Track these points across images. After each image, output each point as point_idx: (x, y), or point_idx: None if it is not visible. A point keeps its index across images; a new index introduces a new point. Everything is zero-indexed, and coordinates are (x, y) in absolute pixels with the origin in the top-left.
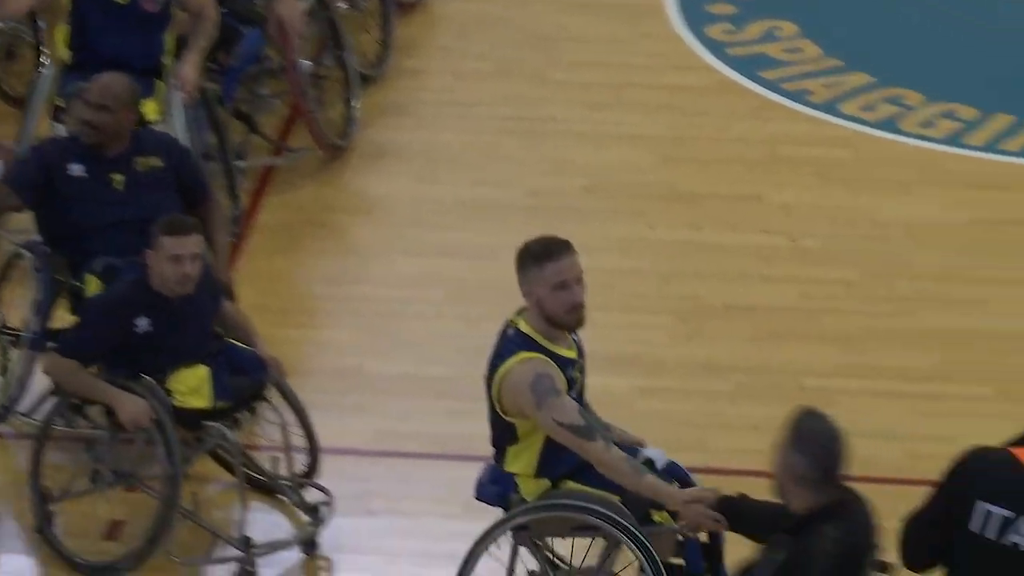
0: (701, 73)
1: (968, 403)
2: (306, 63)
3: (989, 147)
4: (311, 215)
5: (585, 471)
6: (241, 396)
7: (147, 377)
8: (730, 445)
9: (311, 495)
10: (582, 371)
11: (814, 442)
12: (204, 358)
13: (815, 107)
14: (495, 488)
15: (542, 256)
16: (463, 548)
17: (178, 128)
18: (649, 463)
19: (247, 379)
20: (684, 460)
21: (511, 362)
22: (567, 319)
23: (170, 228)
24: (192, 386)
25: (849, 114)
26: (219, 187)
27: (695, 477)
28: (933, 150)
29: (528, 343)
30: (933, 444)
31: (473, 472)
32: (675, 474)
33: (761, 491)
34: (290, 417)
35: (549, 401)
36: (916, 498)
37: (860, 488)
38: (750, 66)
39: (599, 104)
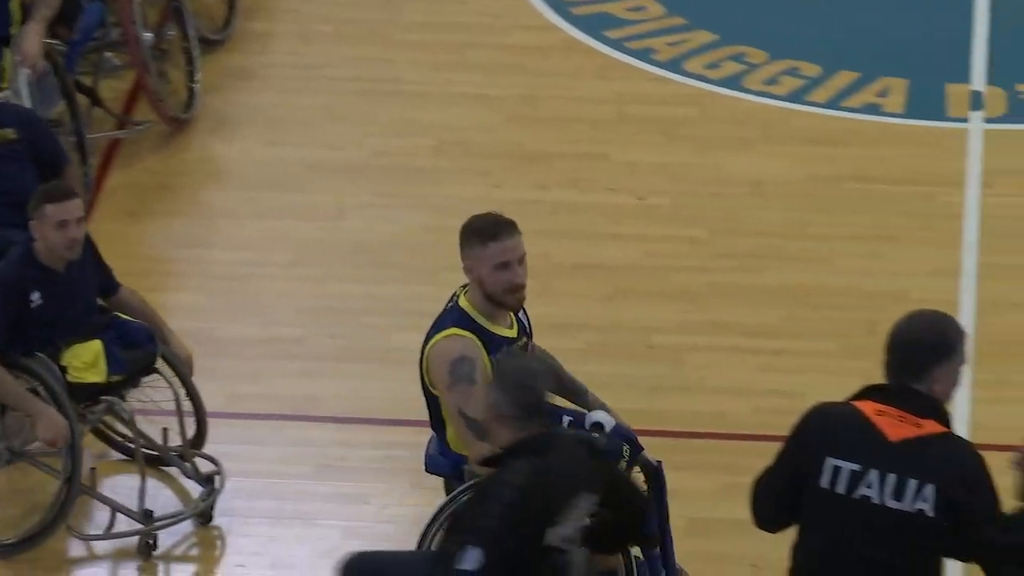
0: (546, 32)
1: (813, 358)
2: (148, 35)
3: (832, 104)
4: (159, 179)
5: None
6: (134, 369)
7: (41, 354)
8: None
9: (203, 465)
10: (526, 349)
11: (513, 381)
12: (95, 332)
13: (660, 66)
14: (446, 460)
15: (486, 235)
16: (312, 508)
17: (24, 97)
18: (598, 427)
19: (139, 351)
20: None
21: (441, 335)
22: (507, 299)
23: (51, 195)
24: (87, 361)
25: (693, 72)
26: (71, 154)
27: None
28: (777, 107)
29: (464, 319)
30: (780, 399)
31: (320, 432)
32: (624, 436)
33: None
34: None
35: (461, 387)
36: (764, 453)
37: (710, 444)
38: (595, 25)
39: (444, 64)
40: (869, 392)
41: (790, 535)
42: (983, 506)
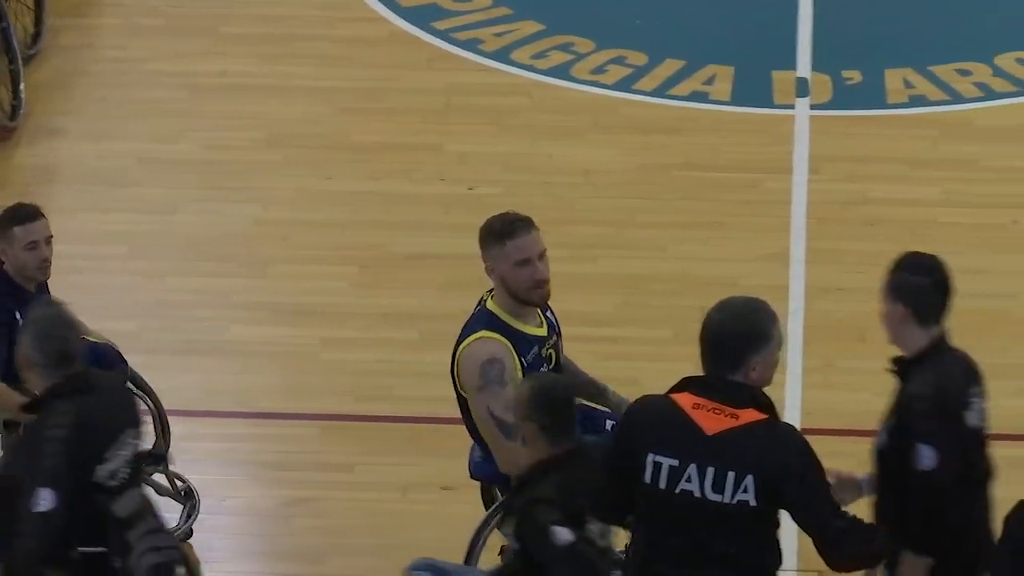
0: (375, 24)
1: (648, 346)
2: None
3: (659, 92)
4: None
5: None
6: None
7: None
8: (417, 394)
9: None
10: (555, 348)
11: (38, 328)
12: None
13: (487, 56)
14: (490, 466)
15: (503, 233)
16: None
17: None
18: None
19: (113, 372)
20: (370, 411)
21: (471, 339)
22: (531, 296)
23: (18, 217)
24: None
25: (521, 62)
26: None
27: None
28: (605, 96)
29: (493, 322)
30: (617, 387)
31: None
32: None
33: (451, 436)
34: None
35: (492, 389)
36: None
37: None
38: (422, 16)
39: (274, 57)
40: (687, 384)
41: None
42: (811, 491)
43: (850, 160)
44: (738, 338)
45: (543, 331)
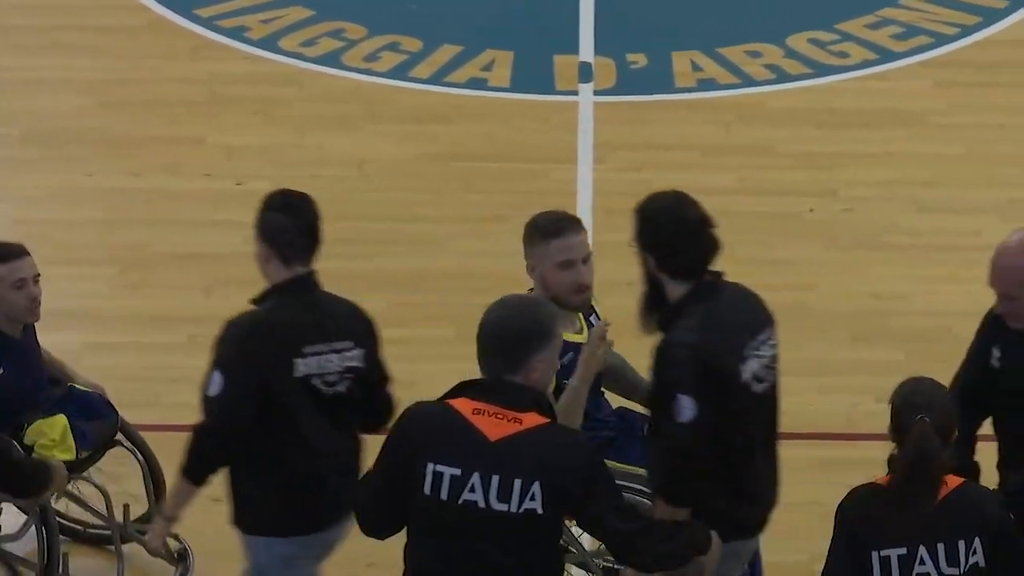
0: (134, 12)
1: (429, 347)
2: None
3: (435, 79)
4: None
5: (615, 446)
6: (99, 442)
7: (2, 435)
8: (183, 399)
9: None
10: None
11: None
12: (57, 405)
13: (254, 44)
14: None
15: (549, 232)
16: None
17: None
18: None
19: (102, 423)
20: (135, 416)
21: None
22: (571, 299)
23: (2, 255)
24: (54, 438)
25: (289, 50)
26: None
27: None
28: (379, 84)
29: None
30: (400, 390)
31: None
32: None
33: None
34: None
35: None
36: (377, 448)
37: None
38: (184, 4)
39: (29, 49)
40: (463, 389)
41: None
42: (599, 496)
43: (638, 148)
44: (520, 336)
45: (582, 337)
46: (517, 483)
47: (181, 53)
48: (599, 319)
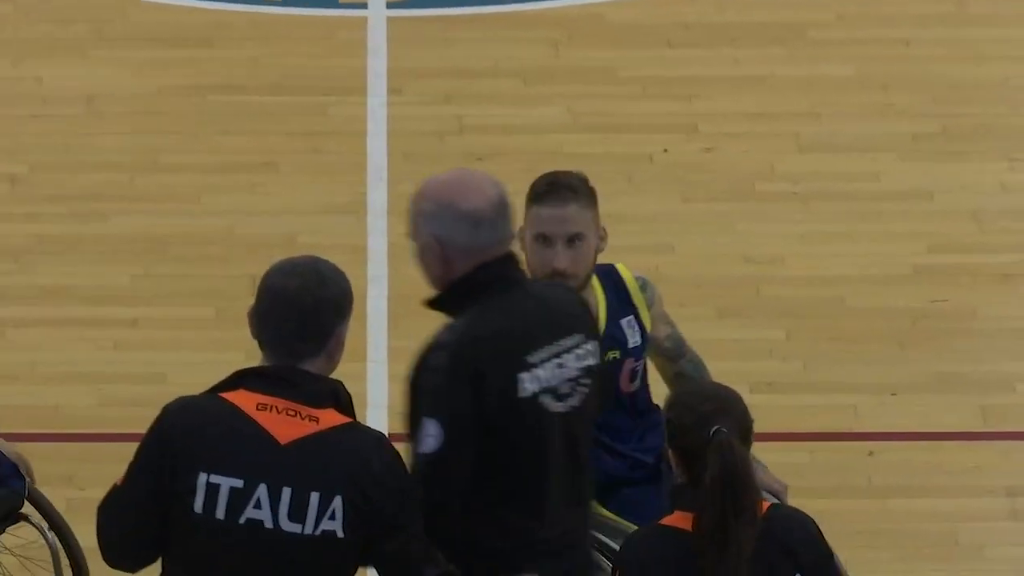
0: None
1: (180, 330)
2: None
3: None
4: None
5: (610, 495)
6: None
7: None
8: None
9: None
10: (616, 364)
11: None
12: None
13: None
14: None
15: (534, 195)
16: None
17: None
18: None
19: (4, 490)
20: None
21: None
22: None
23: None
24: None
25: None
26: None
27: None
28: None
29: None
30: (136, 386)
31: None
32: None
33: None
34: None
35: None
36: (117, 459)
37: (44, 448)
38: None
39: None
40: (243, 379)
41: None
42: (411, 521)
43: (443, 75)
44: (321, 308)
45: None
46: (314, 497)
47: None
48: (639, 325)
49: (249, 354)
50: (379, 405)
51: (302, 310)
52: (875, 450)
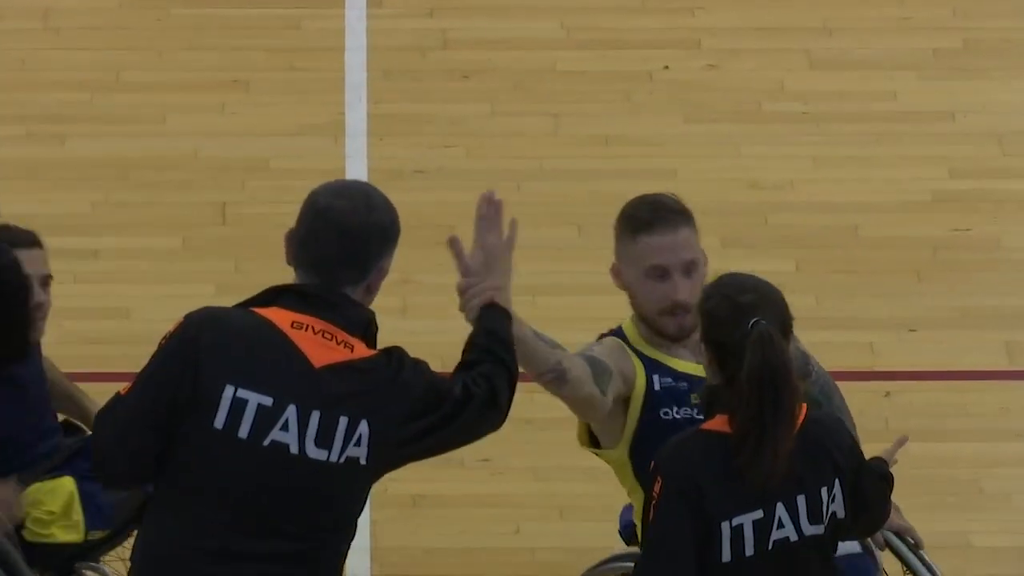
0: None
1: (146, 261)
2: None
3: None
4: None
5: None
6: (121, 520)
7: None
8: None
9: None
10: None
11: None
12: (66, 462)
13: None
14: (625, 515)
15: (639, 224)
16: None
17: None
18: None
19: (129, 492)
20: None
21: None
22: (663, 323)
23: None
24: (53, 510)
25: None
26: None
27: None
28: None
29: (618, 334)
30: (99, 322)
31: None
32: None
33: None
34: None
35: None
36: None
37: None
38: None
39: None
40: (279, 296)
41: None
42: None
43: None
44: (371, 234)
45: (700, 369)
46: (342, 422)
47: None
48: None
49: (220, 287)
50: None
51: (348, 232)
52: (892, 391)
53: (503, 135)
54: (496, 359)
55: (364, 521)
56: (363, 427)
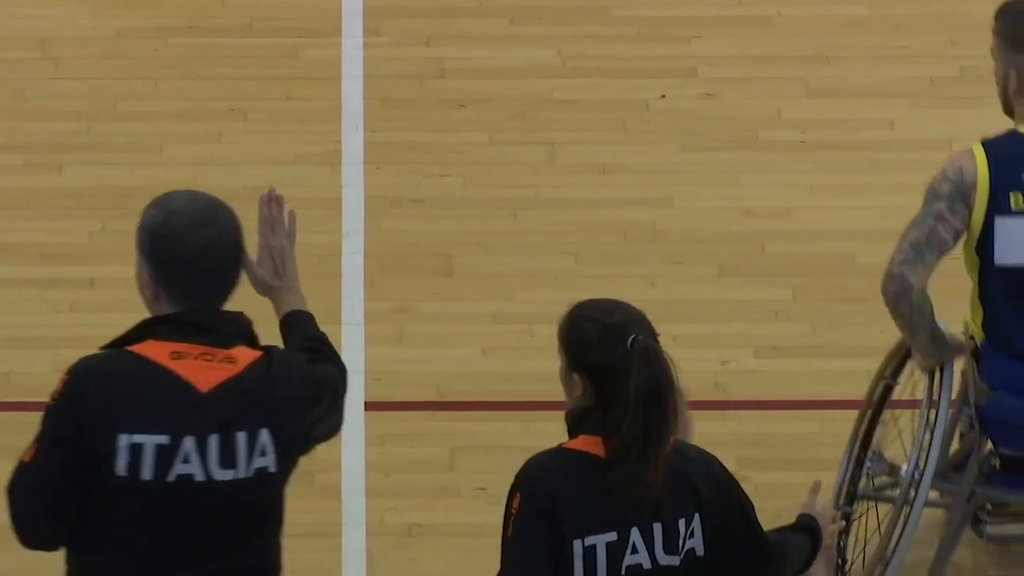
0: None
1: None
2: None
3: None
4: None
5: None
6: None
7: None
8: None
9: None
10: None
11: None
12: None
13: None
14: None
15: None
16: None
17: None
18: None
19: None
20: None
21: None
22: None
23: None
24: None
25: None
26: None
27: None
28: None
29: None
30: (90, 348)
31: None
32: None
33: None
34: None
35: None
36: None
37: None
38: None
39: None
40: (150, 329)
41: None
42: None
43: (423, 14)
44: (234, 251)
45: None
46: (241, 438)
47: None
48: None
49: None
50: (356, 371)
51: (216, 258)
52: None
53: (500, 164)
54: (325, 358)
55: (360, 549)
56: (264, 436)
